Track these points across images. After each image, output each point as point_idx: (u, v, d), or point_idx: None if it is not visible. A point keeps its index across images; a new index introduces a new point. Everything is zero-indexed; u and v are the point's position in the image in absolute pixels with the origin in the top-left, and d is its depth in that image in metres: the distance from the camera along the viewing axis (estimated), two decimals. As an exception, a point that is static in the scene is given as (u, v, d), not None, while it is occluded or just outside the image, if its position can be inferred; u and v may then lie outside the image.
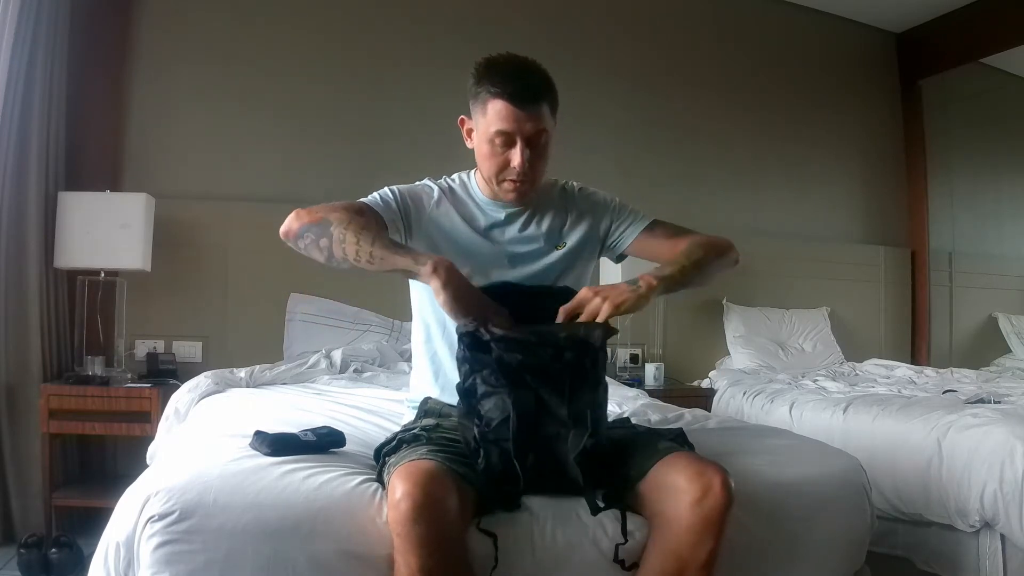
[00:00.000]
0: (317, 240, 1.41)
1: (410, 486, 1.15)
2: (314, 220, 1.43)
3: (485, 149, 1.51)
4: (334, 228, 1.40)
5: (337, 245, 1.39)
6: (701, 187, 4.17)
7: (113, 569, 1.23)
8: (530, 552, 1.30)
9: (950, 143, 4.88)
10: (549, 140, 1.51)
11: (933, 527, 2.28)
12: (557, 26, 3.86)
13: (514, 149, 1.47)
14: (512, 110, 1.44)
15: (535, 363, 1.27)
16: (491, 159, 1.51)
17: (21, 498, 2.68)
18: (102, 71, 3.07)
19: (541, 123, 1.47)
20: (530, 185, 1.53)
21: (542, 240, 1.61)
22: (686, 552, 1.24)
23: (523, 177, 1.50)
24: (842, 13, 4.58)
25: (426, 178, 1.67)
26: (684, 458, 1.33)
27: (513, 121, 1.45)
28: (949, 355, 4.64)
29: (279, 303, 3.11)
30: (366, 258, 1.37)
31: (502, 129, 1.46)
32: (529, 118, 1.45)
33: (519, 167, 1.47)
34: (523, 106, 1.44)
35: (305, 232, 1.43)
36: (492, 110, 1.46)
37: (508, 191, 1.54)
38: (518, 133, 1.46)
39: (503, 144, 1.48)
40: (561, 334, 1.30)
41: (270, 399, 2.24)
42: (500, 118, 1.45)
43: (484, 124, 1.48)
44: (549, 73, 1.51)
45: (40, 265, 2.77)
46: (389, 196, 1.57)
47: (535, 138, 1.47)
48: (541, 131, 1.48)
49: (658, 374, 3.51)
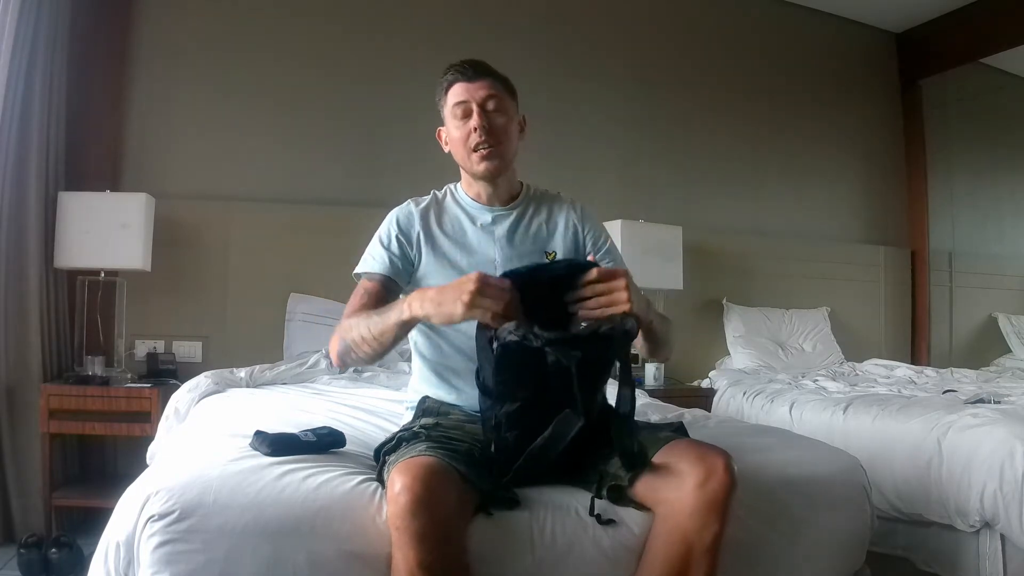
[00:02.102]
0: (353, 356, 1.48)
1: (409, 480, 1.16)
2: (340, 348, 1.49)
3: (453, 135, 1.61)
4: (350, 342, 1.46)
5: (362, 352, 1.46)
6: (701, 187, 4.17)
7: (113, 569, 1.23)
8: (530, 550, 1.30)
9: (950, 143, 4.88)
10: (510, 115, 1.61)
11: (933, 527, 2.28)
12: (557, 26, 3.86)
13: (472, 116, 1.58)
14: (463, 84, 1.59)
15: (586, 358, 1.26)
16: (458, 141, 1.61)
17: (21, 498, 2.68)
18: (102, 71, 3.07)
19: (494, 91, 1.59)
20: (496, 150, 1.59)
21: (530, 242, 1.65)
22: (691, 536, 1.24)
23: (487, 140, 1.58)
24: (842, 13, 4.58)
25: (408, 200, 1.69)
26: (685, 443, 1.34)
27: (464, 92, 1.58)
28: (949, 355, 4.63)
29: (279, 303, 3.11)
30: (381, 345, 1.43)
31: (458, 101, 1.59)
32: (479, 87, 1.58)
33: (478, 128, 1.57)
34: (472, 78, 1.59)
35: (344, 358, 1.50)
36: (450, 94, 1.61)
37: (478, 162, 1.60)
38: (472, 100, 1.58)
39: (462, 115, 1.59)
40: (602, 329, 1.26)
41: (270, 399, 2.24)
42: (455, 94, 1.60)
43: (448, 112, 1.61)
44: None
45: (40, 265, 2.77)
46: (378, 248, 1.62)
47: (489, 103, 1.58)
48: (492, 96, 1.58)
49: (658, 374, 3.51)
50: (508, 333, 1.23)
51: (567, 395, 1.25)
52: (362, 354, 1.46)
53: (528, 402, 1.29)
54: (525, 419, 1.29)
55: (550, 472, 1.35)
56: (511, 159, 1.65)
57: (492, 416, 1.32)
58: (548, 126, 3.52)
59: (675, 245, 3.62)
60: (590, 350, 1.26)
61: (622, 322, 1.27)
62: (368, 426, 1.82)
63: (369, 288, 1.58)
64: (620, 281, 1.29)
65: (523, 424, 1.29)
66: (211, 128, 3.23)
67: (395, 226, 1.63)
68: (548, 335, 1.22)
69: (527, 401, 1.29)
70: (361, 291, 1.58)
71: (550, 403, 1.27)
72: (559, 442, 1.27)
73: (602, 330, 1.25)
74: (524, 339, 1.21)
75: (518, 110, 1.65)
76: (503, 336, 1.23)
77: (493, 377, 1.29)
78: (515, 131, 1.64)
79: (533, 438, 1.28)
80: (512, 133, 1.62)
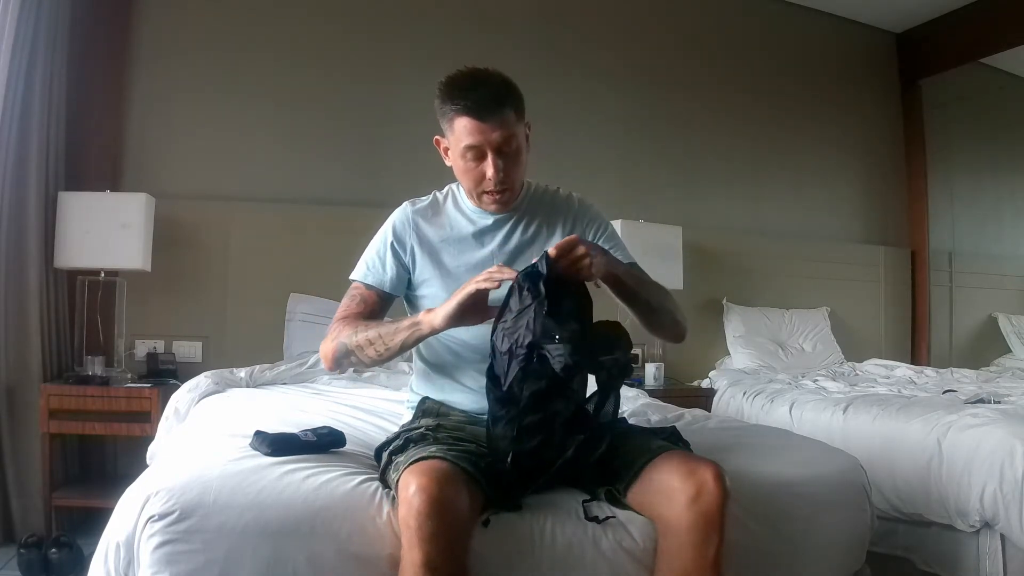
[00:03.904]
0: (350, 361, 1.50)
1: (425, 481, 1.17)
2: (336, 350, 1.50)
3: (460, 165, 1.53)
4: (351, 347, 1.48)
5: (364, 356, 1.48)
6: (701, 187, 4.17)
7: (113, 569, 1.23)
8: (530, 552, 1.30)
9: (950, 143, 4.88)
10: (521, 144, 1.52)
11: (933, 527, 2.28)
12: (557, 26, 3.86)
13: (486, 161, 1.49)
14: (476, 124, 1.45)
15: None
16: (467, 174, 1.53)
17: (21, 498, 2.68)
18: (102, 71, 3.07)
19: (507, 130, 1.47)
20: (510, 192, 1.55)
21: (529, 244, 1.63)
22: (692, 552, 1.25)
23: (500, 187, 1.52)
24: (842, 13, 4.58)
25: (406, 203, 1.67)
26: (676, 457, 1.33)
27: (479, 134, 1.46)
28: (949, 355, 4.64)
29: (279, 303, 3.10)
30: (387, 355, 1.46)
31: (470, 144, 1.47)
32: (494, 128, 1.46)
33: (493, 178, 1.49)
34: (486, 117, 1.45)
35: (338, 362, 1.51)
36: (459, 127, 1.48)
37: (489, 203, 1.56)
38: (486, 145, 1.47)
39: (475, 158, 1.49)
40: (606, 358, 1.33)
41: (270, 399, 2.24)
42: (467, 133, 1.47)
43: (455, 141, 1.51)
44: (508, 78, 1.51)
45: (40, 265, 2.77)
46: (374, 257, 1.61)
47: (504, 146, 1.48)
48: (509, 137, 1.48)
49: (658, 374, 3.50)
50: (561, 355, 1.26)
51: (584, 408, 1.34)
52: (367, 360, 1.48)
53: (551, 412, 1.32)
54: (546, 428, 1.32)
55: (554, 478, 1.37)
56: (520, 189, 1.61)
57: (513, 426, 1.31)
58: (548, 126, 3.48)
59: (675, 245, 3.62)
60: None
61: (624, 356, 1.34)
62: (368, 426, 1.82)
63: (365, 296, 1.58)
64: (574, 244, 1.34)
65: (544, 431, 1.32)
66: (211, 128, 3.23)
67: (391, 234, 1.61)
68: (564, 361, 1.26)
69: (549, 412, 1.31)
70: (357, 296, 1.59)
71: (570, 412, 1.32)
72: (583, 465, 1.35)
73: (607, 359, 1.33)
74: (577, 364, 1.27)
75: (526, 122, 1.55)
76: (559, 357, 1.26)
77: (522, 388, 1.30)
78: (525, 158, 1.55)
79: (552, 445, 1.32)
80: (524, 161, 1.54)
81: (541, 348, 1.27)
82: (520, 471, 1.31)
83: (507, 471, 1.31)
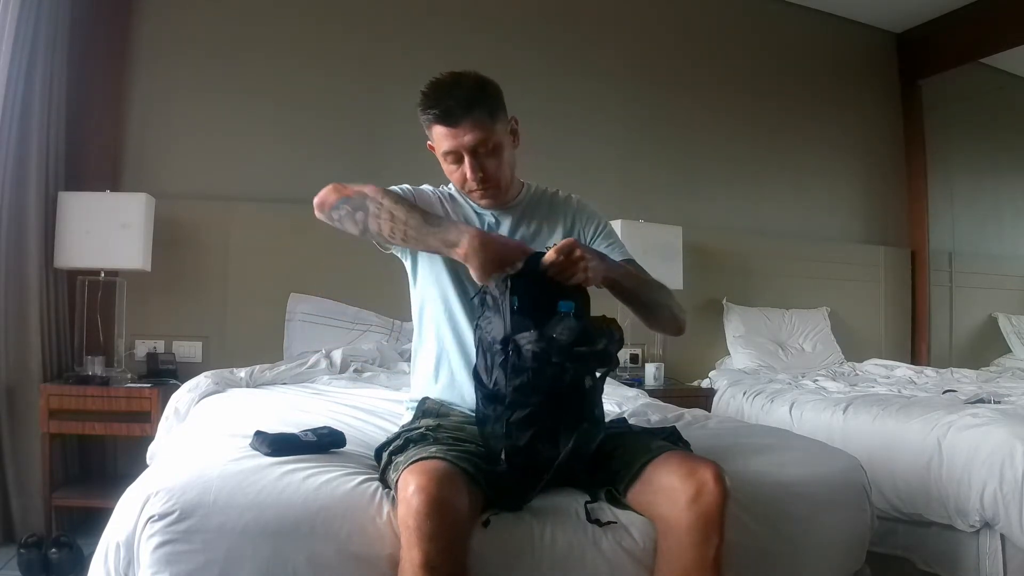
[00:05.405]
0: (353, 213, 1.46)
1: (425, 481, 1.17)
2: (351, 194, 1.48)
3: (445, 168, 1.59)
4: (370, 202, 1.45)
5: (373, 219, 1.45)
6: (701, 187, 4.17)
7: (113, 569, 1.23)
8: (530, 552, 1.30)
9: (950, 143, 4.88)
10: (500, 142, 1.54)
11: (933, 527, 2.28)
12: (557, 26, 3.86)
13: (463, 164, 1.53)
14: (447, 130, 1.50)
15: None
16: (452, 176, 1.59)
17: (21, 498, 2.68)
18: (102, 71, 3.07)
19: (480, 132, 1.50)
20: (495, 188, 1.59)
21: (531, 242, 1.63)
22: (692, 552, 1.25)
23: (482, 185, 1.56)
24: (842, 13, 4.58)
25: (425, 184, 1.71)
26: (676, 457, 1.34)
27: (452, 139, 1.50)
28: (949, 355, 4.64)
29: (279, 303, 3.11)
30: (400, 236, 1.44)
31: (446, 150, 1.53)
32: (465, 131, 1.49)
33: (472, 178, 1.54)
34: (456, 123, 1.49)
35: (342, 204, 1.47)
36: (435, 134, 1.53)
37: (479, 199, 1.62)
38: (461, 148, 1.51)
39: (454, 161, 1.55)
40: (599, 346, 1.32)
41: (270, 399, 2.24)
42: (442, 139, 1.52)
43: (436, 147, 1.56)
44: (483, 79, 1.53)
45: (40, 265, 2.76)
46: (408, 189, 1.64)
47: (480, 147, 1.51)
48: (483, 139, 1.51)
49: (658, 374, 3.51)
50: (528, 342, 1.27)
51: (578, 400, 1.32)
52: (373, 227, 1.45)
53: (539, 407, 1.31)
54: (536, 422, 1.31)
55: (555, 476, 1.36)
56: (509, 182, 1.63)
57: (502, 423, 1.32)
58: (548, 126, 3.52)
59: (675, 245, 3.62)
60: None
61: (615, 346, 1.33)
62: (368, 426, 1.82)
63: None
64: (572, 247, 1.35)
65: (535, 425, 1.31)
66: (211, 128, 3.23)
67: (425, 185, 1.68)
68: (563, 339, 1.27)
69: (537, 406, 1.31)
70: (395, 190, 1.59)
71: (561, 406, 1.31)
72: (582, 458, 1.34)
73: (599, 347, 1.31)
74: (545, 351, 1.26)
75: (507, 118, 1.57)
76: (527, 347, 1.27)
77: (507, 383, 1.31)
78: (509, 153, 1.58)
79: (545, 438, 1.31)
80: (507, 160, 1.58)
81: (515, 341, 1.29)
82: (517, 470, 1.31)
83: (504, 471, 1.30)
